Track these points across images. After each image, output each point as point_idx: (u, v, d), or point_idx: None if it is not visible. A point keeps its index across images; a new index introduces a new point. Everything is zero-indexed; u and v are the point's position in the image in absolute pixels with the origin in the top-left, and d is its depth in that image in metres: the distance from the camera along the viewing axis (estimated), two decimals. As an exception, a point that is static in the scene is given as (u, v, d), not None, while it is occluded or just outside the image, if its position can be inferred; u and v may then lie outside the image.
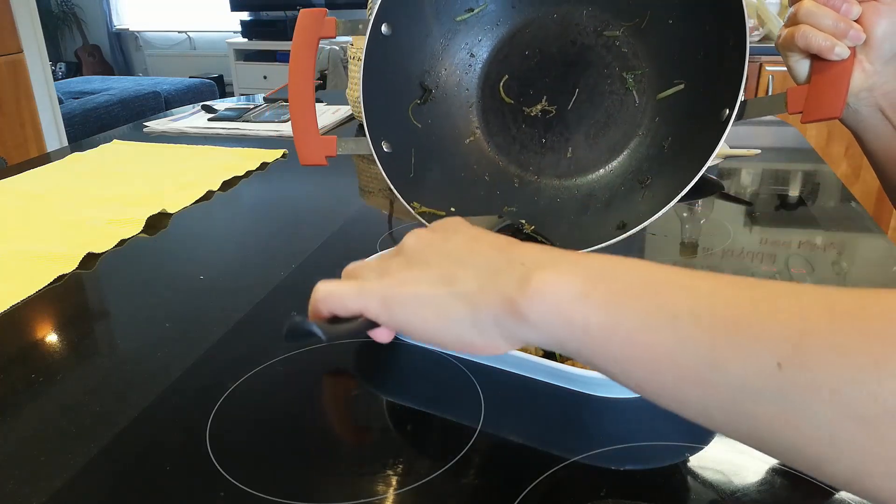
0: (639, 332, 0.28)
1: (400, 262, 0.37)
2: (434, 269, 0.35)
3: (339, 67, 3.85)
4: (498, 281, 0.32)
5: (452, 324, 0.33)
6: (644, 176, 0.64)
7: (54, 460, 0.44)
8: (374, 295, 0.35)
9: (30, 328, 0.61)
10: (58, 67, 5.12)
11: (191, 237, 0.83)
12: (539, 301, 0.31)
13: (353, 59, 1.26)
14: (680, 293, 0.29)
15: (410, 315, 0.34)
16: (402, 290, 0.35)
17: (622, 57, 0.68)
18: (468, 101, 0.73)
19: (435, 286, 0.34)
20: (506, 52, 0.72)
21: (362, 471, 0.43)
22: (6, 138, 2.22)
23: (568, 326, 0.30)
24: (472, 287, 0.33)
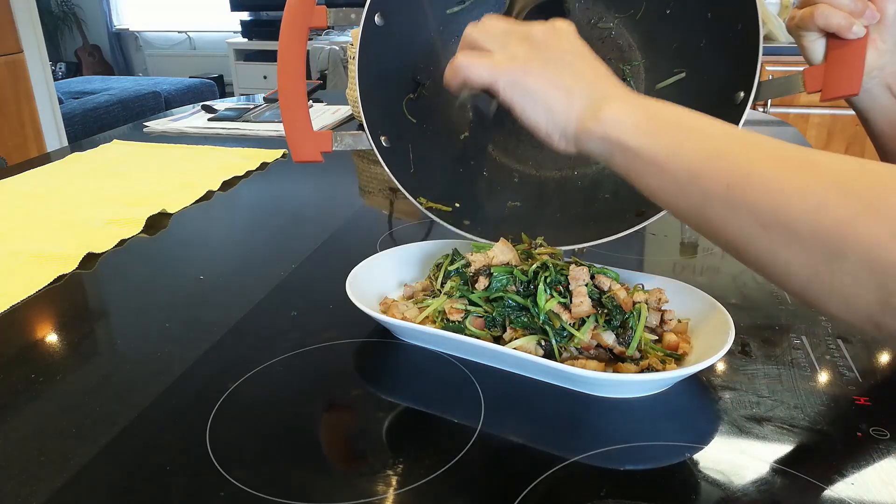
0: (666, 158, 0.39)
1: (527, 50, 0.45)
2: (556, 74, 0.44)
3: (339, 67, 3.85)
4: (588, 104, 0.43)
5: (550, 124, 0.44)
6: None
7: (54, 460, 0.44)
8: (504, 77, 0.45)
9: (30, 328, 0.61)
10: (58, 67, 5.12)
11: (191, 237, 0.83)
12: (606, 124, 0.42)
13: (353, 59, 1.25)
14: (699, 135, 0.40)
15: (527, 103, 0.44)
16: (528, 82, 0.44)
17: (618, 49, 0.67)
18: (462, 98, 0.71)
19: (556, 90, 0.44)
20: None
21: (362, 471, 0.43)
22: (6, 138, 2.22)
23: (618, 145, 0.41)
24: (577, 103, 0.43)
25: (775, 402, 0.48)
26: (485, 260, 0.56)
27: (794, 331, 0.57)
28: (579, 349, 0.52)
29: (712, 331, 0.52)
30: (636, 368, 0.50)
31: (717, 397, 0.49)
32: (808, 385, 0.50)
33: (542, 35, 0.45)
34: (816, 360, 0.53)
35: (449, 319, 0.54)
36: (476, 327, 0.53)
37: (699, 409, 0.48)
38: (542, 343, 0.52)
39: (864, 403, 0.47)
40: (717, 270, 0.70)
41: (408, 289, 0.62)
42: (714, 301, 0.54)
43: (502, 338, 0.53)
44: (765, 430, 0.45)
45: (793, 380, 0.50)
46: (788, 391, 0.49)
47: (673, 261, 0.74)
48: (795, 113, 2.14)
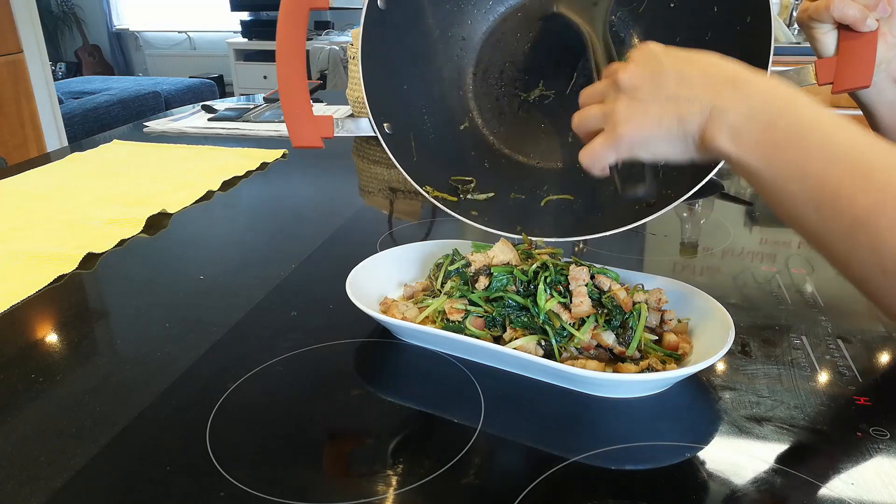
0: (781, 181, 0.39)
1: (626, 107, 0.45)
2: (661, 110, 0.44)
3: (339, 67, 3.85)
4: (705, 119, 0.42)
5: (675, 149, 0.44)
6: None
7: (54, 460, 0.44)
8: (622, 145, 0.45)
9: (30, 328, 0.61)
10: (58, 67, 5.12)
11: (191, 237, 0.83)
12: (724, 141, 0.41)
13: (353, 59, 1.26)
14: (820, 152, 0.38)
15: (651, 147, 0.45)
16: (642, 134, 0.45)
17: (619, 42, 0.66)
18: (460, 86, 0.71)
19: (667, 126, 0.44)
20: (498, 35, 0.70)
21: (362, 471, 0.43)
22: (6, 138, 2.22)
23: (736, 164, 0.41)
24: (693, 125, 0.43)
25: (775, 402, 0.48)
26: (485, 260, 0.56)
27: (794, 331, 0.57)
28: (579, 349, 0.52)
29: (712, 331, 0.52)
30: (636, 368, 0.50)
31: (717, 397, 0.49)
32: (808, 385, 0.50)
33: (629, 80, 0.45)
34: (816, 360, 0.53)
35: (449, 319, 0.54)
36: (476, 327, 0.53)
37: (699, 409, 0.48)
38: (542, 343, 0.52)
39: (864, 403, 0.47)
40: (717, 270, 0.70)
41: (408, 289, 0.62)
42: (714, 301, 0.54)
43: (502, 338, 0.53)
44: (765, 430, 0.45)
45: (793, 380, 0.50)
46: (788, 391, 0.49)
47: (673, 261, 0.74)
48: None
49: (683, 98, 0.43)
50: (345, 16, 4.75)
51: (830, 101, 2.07)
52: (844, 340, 0.55)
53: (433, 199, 0.63)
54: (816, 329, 0.57)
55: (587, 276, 0.52)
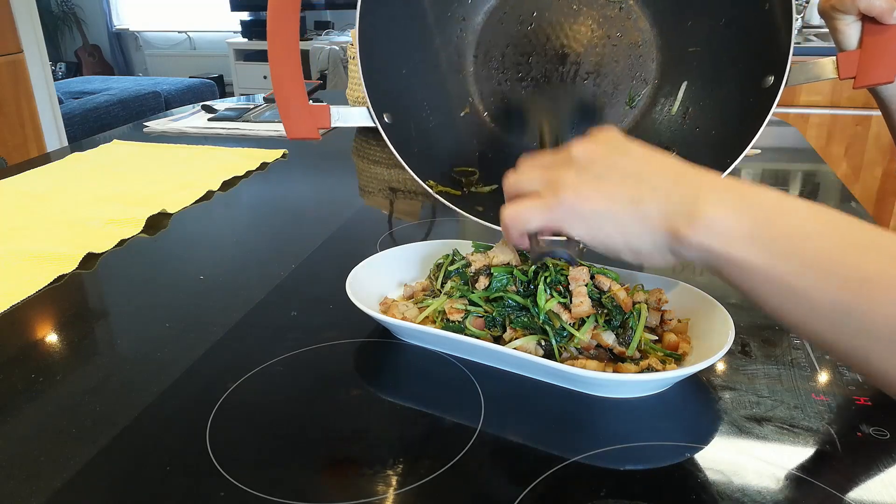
0: (791, 278, 0.34)
1: (574, 176, 0.39)
2: (614, 187, 0.38)
3: (339, 67, 3.85)
4: (674, 208, 0.37)
5: (633, 240, 0.38)
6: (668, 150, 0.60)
7: (54, 460, 0.44)
8: (557, 211, 0.39)
9: (30, 328, 0.61)
10: (58, 67, 5.12)
11: (191, 237, 0.83)
12: (706, 234, 0.35)
13: (353, 59, 1.26)
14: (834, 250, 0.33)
15: (594, 230, 0.39)
16: (587, 206, 0.39)
17: (628, 24, 0.63)
18: (460, 69, 0.68)
19: (619, 204, 0.38)
20: (500, 16, 0.67)
21: (362, 471, 0.43)
22: (6, 138, 2.22)
23: (728, 261, 0.35)
24: (654, 210, 0.37)
25: (775, 402, 0.48)
26: (485, 260, 0.56)
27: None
28: (579, 349, 0.52)
29: (712, 331, 0.52)
30: (636, 368, 0.50)
31: (717, 397, 0.49)
32: (808, 385, 0.50)
33: (584, 152, 0.40)
34: (816, 360, 0.53)
35: (449, 319, 0.54)
36: (476, 327, 0.53)
37: (699, 409, 0.48)
38: (542, 343, 0.52)
39: (864, 403, 0.47)
40: (717, 270, 0.70)
41: (408, 289, 0.62)
42: (714, 301, 0.54)
43: (502, 338, 0.53)
44: (765, 430, 0.45)
45: (793, 380, 0.50)
46: (788, 391, 0.49)
47: (673, 261, 0.74)
48: (795, 113, 2.14)
49: (646, 182, 0.38)
50: (345, 16, 4.75)
51: (831, 99, 2.07)
52: (844, 340, 0.55)
53: (437, 194, 0.62)
54: (816, 329, 0.57)
55: (587, 277, 0.52)
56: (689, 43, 0.62)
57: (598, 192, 0.38)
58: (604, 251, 0.39)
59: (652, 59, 0.64)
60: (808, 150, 1.15)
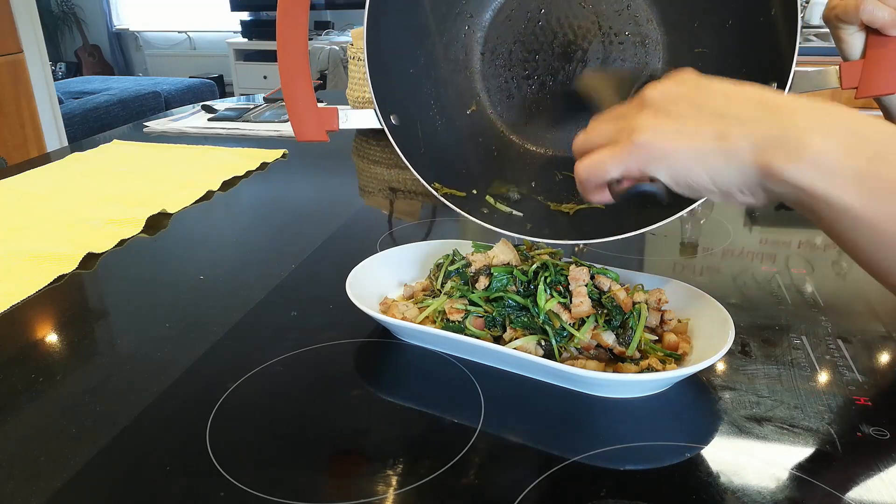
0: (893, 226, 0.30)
1: (649, 117, 0.37)
2: (695, 123, 0.35)
3: (339, 67, 3.85)
4: (770, 141, 0.33)
5: (721, 177, 0.35)
6: None
7: (54, 460, 0.44)
8: (635, 154, 0.36)
9: (30, 328, 0.61)
10: (58, 67, 5.12)
11: (191, 237, 0.83)
12: (809, 170, 0.31)
13: (354, 59, 1.26)
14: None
15: (677, 168, 0.35)
16: (668, 146, 0.35)
17: (635, 22, 0.63)
18: (467, 67, 0.68)
19: (703, 140, 0.35)
20: (507, 13, 0.67)
21: (362, 471, 0.43)
22: (6, 138, 2.22)
23: (826, 202, 0.31)
24: (744, 144, 0.34)
25: (775, 402, 0.48)
26: (485, 260, 0.56)
27: (794, 331, 0.57)
28: (579, 349, 0.52)
29: (712, 331, 0.52)
30: (636, 368, 0.50)
31: (717, 397, 0.49)
32: (808, 385, 0.50)
33: (658, 94, 0.37)
34: (816, 360, 0.53)
35: (449, 319, 0.54)
36: (476, 327, 0.53)
37: (699, 409, 0.48)
38: (542, 343, 0.52)
39: (864, 403, 0.47)
40: (717, 270, 0.70)
41: (408, 289, 0.62)
42: (714, 301, 0.54)
43: (502, 338, 0.53)
44: (765, 430, 0.45)
45: (793, 380, 0.50)
46: (788, 391, 0.49)
47: (673, 261, 0.74)
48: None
49: (733, 116, 0.35)
50: (345, 16, 4.75)
51: (831, 101, 2.07)
52: (844, 340, 0.55)
53: (441, 196, 0.62)
54: (816, 329, 0.57)
55: (587, 277, 0.52)
56: (696, 43, 0.62)
57: (678, 130, 0.36)
58: (689, 192, 0.37)
59: (658, 58, 0.64)
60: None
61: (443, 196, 0.62)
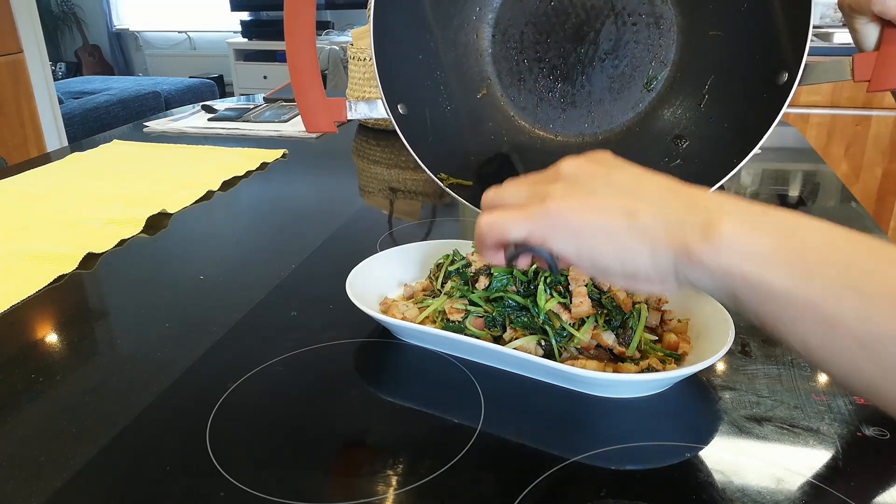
0: (822, 302, 0.29)
1: (563, 188, 0.36)
2: (607, 199, 0.35)
3: (339, 67, 3.84)
4: (681, 223, 0.32)
5: (629, 257, 0.34)
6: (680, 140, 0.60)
7: (54, 460, 0.44)
8: (542, 221, 0.35)
9: (30, 328, 0.61)
10: (58, 67, 5.12)
11: (191, 237, 0.83)
12: (723, 252, 0.31)
13: (354, 59, 1.26)
14: (865, 264, 0.29)
15: (583, 243, 0.34)
16: (576, 218, 0.34)
17: (649, 3, 0.62)
18: (478, 50, 0.67)
19: (612, 216, 0.34)
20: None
21: (362, 471, 0.43)
22: (6, 138, 2.22)
23: (747, 283, 0.30)
24: (654, 224, 0.33)
25: (775, 402, 0.48)
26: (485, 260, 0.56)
27: (794, 331, 0.57)
28: (579, 349, 0.52)
29: (712, 331, 0.52)
30: (636, 368, 0.50)
31: (717, 397, 0.49)
32: (808, 385, 0.50)
33: (573, 167, 0.37)
34: (816, 360, 0.53)
35: (449, 319, 0.54)
36: (476, 327, 0.53)
37: (699, 409, 0.48)
38: (542, 343, 0.52)
39: (864, 403, 0.47)
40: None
41: (408, 289, 0.62)
42: (714, 301, 0.54)
43: (502, 338, 0.53)
44: (765, 430, 0.45)
45: (793, 380, 0.50)
46: (788, 391, 0.49)
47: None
48: (795, 113, 2.14)
49: (643, 196, 0.34)
50: (345, 16, 4.76)
51: (831, 99, 2.07)
52: (844, 340, 0.55)
53: (447, 187, 0.61)
54: (816, 329, 0.57)
55: (587, 277, 0.52)
56: (710, 26, 0.61)
57: (589, 204, 0.35)
58: (592, 271, 0.35)
59: (672, 40, 0.63)
60: (808, 150, 1.15)
61: (448, 186, 0.61)
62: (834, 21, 2.26)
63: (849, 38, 0.56)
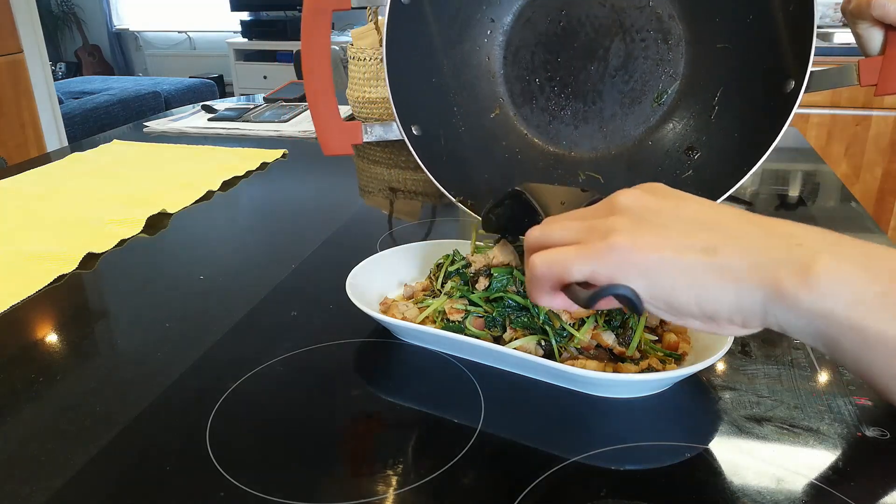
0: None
1: (628, 223, 0.32)
2: (681, 235, 0.31)
3: (339, 67, 3.84)
4: (773, 262, 0.29)
5: (710, 297, 0.31)
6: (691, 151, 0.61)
7: (54, 460, 0.44)
8: (608, 258, 0.32)
9: (30, 328, 0.61)
10: (58, 67, 5.12)
11: (191, 237, 0.83)
12: (823, 294, 0.28)
13: (354, 59, 1.26)
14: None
15: (656, 282, 0.31)
16: (648, 254, 0.31)
17: (657, 19, 0.63)
18: (490, 71, 0.69)
19: (689, 253, 0.31)
20: (528, 15, 0.68)
21: (362, 471, 0.43)
22: (6, 138, 2.22)
23: (849, 328, 0.28)
24: (738, 261, 0.30)
25: (775, 402, 0.48)
26: (485, 260, 0.56)
27: (794, 331, 0.57)
28: (579, 349, 0.52)
29: (712, 331, 0.52)
30: (636, 368, 0.50)
31: (717, 397, 0.49)
32: (808, 385, 0.50)
33: (634, 200, 0.34)
34: (816, 360, 0.53)
35: (449, 319, 0.54)
36: (476, 327, 0.53)
37: (699, 409, 0.48)
38: (542, 343, 0.52)
39: (864, 403, 0.47)
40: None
41: (408, 289, 0.62)
42: (714, 301, 0.54)
43: (502, 338, 0.53)
44: (765, 430, 0.45)
45: (793, 380, 0.50)
46: (788, 391, 0.49)
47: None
48: (795, 113, 2.14)
49: (723, 230, 0.31)
50: (345, 16, 4.76)
51: (831, 99, 2.07)
52: (844, 340, 0.55)
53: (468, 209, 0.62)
54: (816, 329, 0.57)
55: None
56: (718, 39, 0.61)
57: (661, 238, 0.31)
58: (667, 312, 0.32)
59: (681, 54, 0.64)
60: (808, 150, 1.15)
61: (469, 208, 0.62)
62: (834, 21, 2.26)
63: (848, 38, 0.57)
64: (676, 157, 0.62)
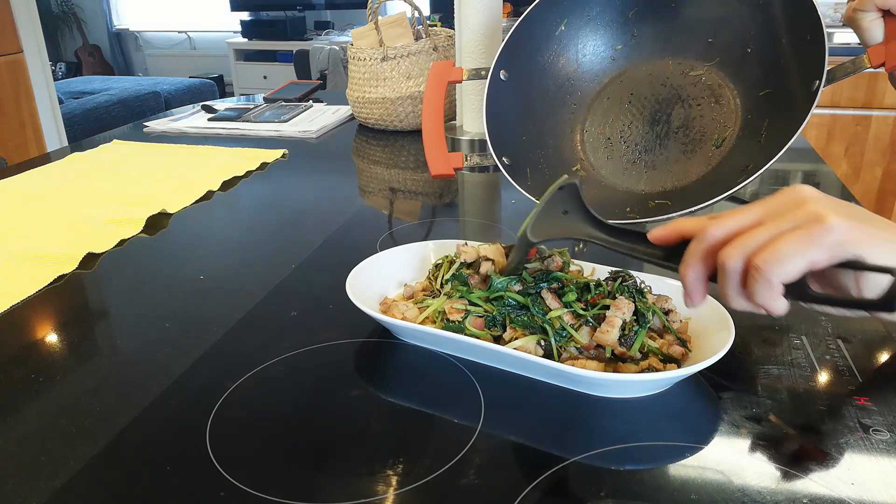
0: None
1: (830, 208, 0.34)
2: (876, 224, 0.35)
3: (339, 67, 3.84)
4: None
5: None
6: (747, 168, 0.70)
7: (54, 460, 0.44)
8: (835, 236, 0.33)
9: (30, 328, 0.61)
10: (58, 67, 5.12)
11: (191, 237, 0.83)
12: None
13: (354, 59, 1.26)
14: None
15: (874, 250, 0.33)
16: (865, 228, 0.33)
17: (708, 88, 0.78)
18: (573, 142, 0.83)
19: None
20: (604, 100, 0.84)
21: (362, 471, 0.43)
22: (6, 138, 2.22)
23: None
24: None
25: (775, 402, 0.48)
26: (474, 254, 0.56)
27: (794, 331, 0.57)
28: (579, 349, 0.52)
29: (712, 331, 0.52)
30: (636, 368, 0.50)
31: (717, 397, 0.49)
32: (808, 385, 0.50)
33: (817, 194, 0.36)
34: (816, 360, 0.53)
35: (449, 319, 0.54)
36: (476, 327, 0.53)
37: (699, 409, 0.48)
38: (541, 343, 0.52)
39: (864, 403, 0.47)
40: (717, 270, 0.70)
41: (408, 289, 0.62)
42: (714, 301, 0.54)
43: (502, 338, 0.53)
44: (765, 430, 0.45)
45: (793, 380, 0.50)
46: (788, 391, 0.49)
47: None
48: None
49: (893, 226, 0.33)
50: (345, 16, 4.76)
51: (831, 100, 2.07)
52: (844, 340, 0.55)
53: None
54: (816, 329, 0.57)
55: (630, 312, 0.51)
56: (760, 87, 0.74)
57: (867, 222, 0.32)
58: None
59: (732, 109, 0.76)
60: (808, 151, 1.15)
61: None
62: (834, 21, 2.26)
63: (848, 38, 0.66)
64: (735, 177, 0.70)
